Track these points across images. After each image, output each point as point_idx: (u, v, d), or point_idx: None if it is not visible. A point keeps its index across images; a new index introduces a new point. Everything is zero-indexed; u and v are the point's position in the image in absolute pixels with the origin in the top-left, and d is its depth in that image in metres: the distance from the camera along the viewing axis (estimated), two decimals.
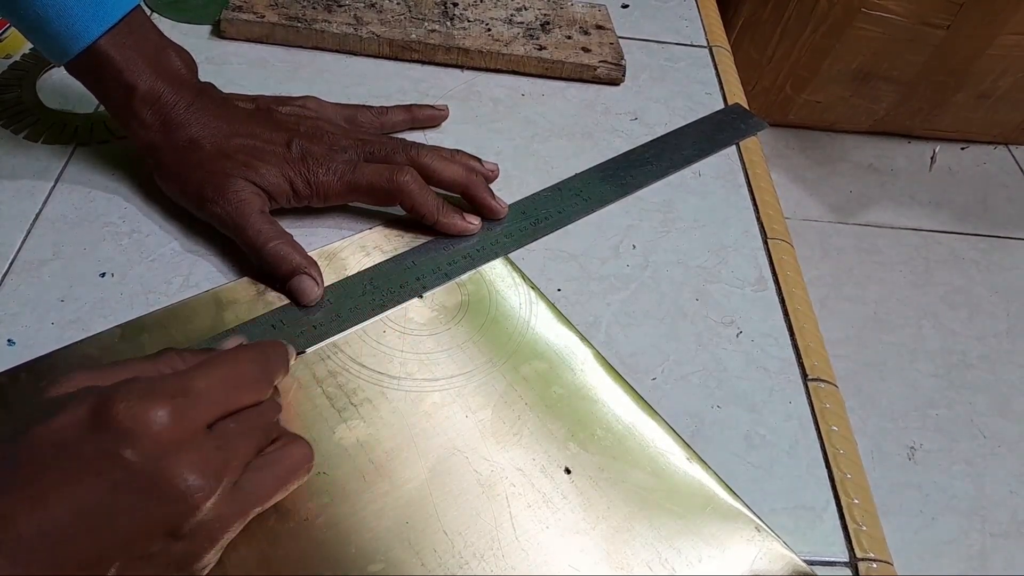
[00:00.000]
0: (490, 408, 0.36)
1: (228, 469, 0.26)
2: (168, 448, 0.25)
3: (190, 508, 0.25)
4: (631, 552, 0.33)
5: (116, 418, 0.24)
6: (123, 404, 0.25)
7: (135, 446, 0.24)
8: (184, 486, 0.25)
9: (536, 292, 0.42)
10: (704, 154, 0.52)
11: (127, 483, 0.24)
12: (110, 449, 0.24)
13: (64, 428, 0.25)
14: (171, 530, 0.25)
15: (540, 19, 0.58)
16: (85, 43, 0.39)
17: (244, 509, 0.27)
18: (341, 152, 0.42)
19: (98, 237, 0.41)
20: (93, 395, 0.25)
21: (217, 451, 0.26)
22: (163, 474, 0.25)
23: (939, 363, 1.34)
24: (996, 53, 1.46)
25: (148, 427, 0.24)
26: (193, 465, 0.25)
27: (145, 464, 0.24)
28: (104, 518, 0.24)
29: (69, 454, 0.24)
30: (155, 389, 0.25)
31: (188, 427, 0.26)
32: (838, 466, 0.37)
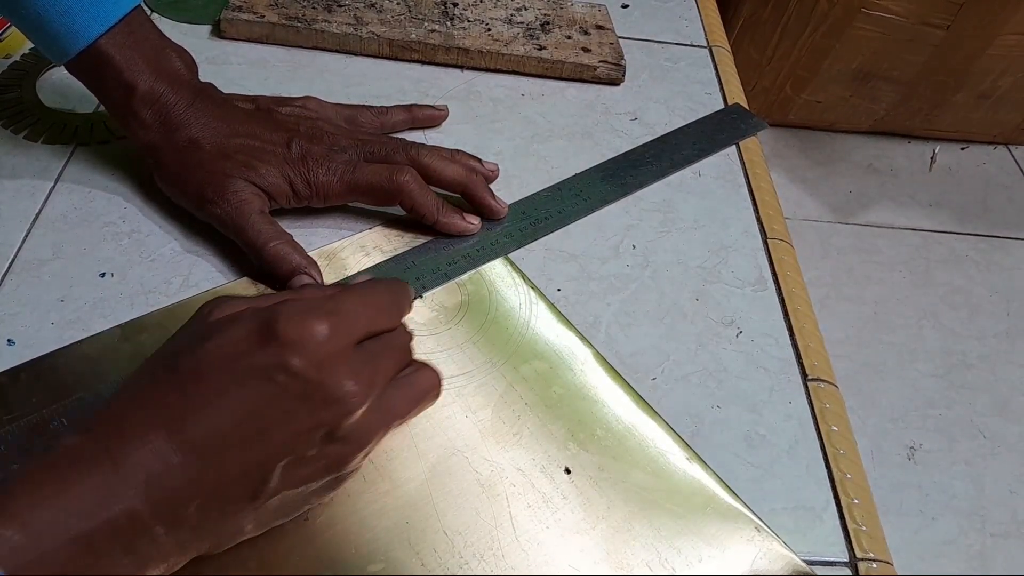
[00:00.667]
0: (490, 408, 0.36)
1: (376, 381, 0.29)
2: (327, 358, 0.27)
3: (346, 411, 0.28)
4: (631, 552, 0.33)
5: (282, 332, 0.27)
6: (288, 320, 0.27)
7: (300, 356, 0.27)
8: (342, 391, 0.27)
9: (536, 292, 0.42)
10: (704, 154, 0.52)
11: (293, 388, 0.27)
12: (278, 358, 0.27)
13: (235, 343, 0.27)
14: (329, 432, 0.28)
15: (540, 19, 0.58)
16: (85, 43, 0.39)
17: (387, 421, 0.30)
18: (341, 152, 0.42)
19: (98, 237, 0.41)
20: (259, 314, 0.28)
21: (367, 364, 0.29)
22: (325, 380, 0.27)
23: (939, 363, 1.34)
24: (996, 53, 1.47)
25: (311, 339, 0.27)
26: (349, 373, 0.28)
27: (309, 371, 0.27)
28: (272, 420, 0.27)
29: (241, 364, 0.27)
30: (313, 308, 0.28)
31: (343, 341, 0.28)
32: (838, 466, 0.37)
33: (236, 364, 0.27)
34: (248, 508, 0.28)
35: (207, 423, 0.26)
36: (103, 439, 0.26)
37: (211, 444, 0.26)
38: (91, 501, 0.24)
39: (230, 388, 0.26)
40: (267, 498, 0.28)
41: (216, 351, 0.27)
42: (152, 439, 0.26)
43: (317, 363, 0.27)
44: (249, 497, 0.27)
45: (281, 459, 0.27)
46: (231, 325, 0.28)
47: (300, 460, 0.28)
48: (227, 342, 0.27)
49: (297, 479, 0.28)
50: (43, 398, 0.34)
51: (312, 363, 0.27)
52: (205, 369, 0.27)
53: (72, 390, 0.34)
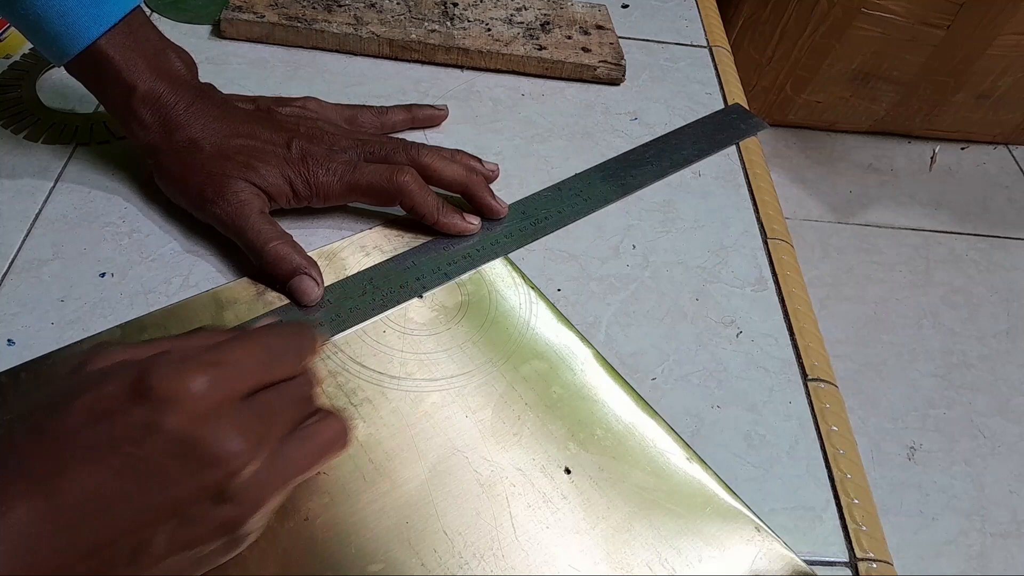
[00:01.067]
0: (490, 408, 0.36)
1: (267, 436, 0.27)
2: (207, 415, 0.25)
3: (232, 471, 0.26)
4: (631, 552, 0.33)
5: (154, 388, 0.25)
6: (161, 374, 0.25)
7: (174, 413, 0.25)
8: (224, 450, 0.25)
9: (536, 292, 0.42)
10: (704, 154, 0.52)
11: (169, 450, 0.25)
12: (149, 418, 0.25)
13: (105, 400, 0.25)
14: (215, 493, 0.26)
15: (540, 19, 0.58)
16: (84, 43, 0.39)
17: (285, 478, 0.28)
18: (341, 152, 0.42)
19: (98, 237, 0.41)
20: (131, 367, 0.26)
21: (255, 418, 0.27)
22: (204, 439, 0.25)
23: (939, 363, 1.34)
24: (996, 53, 1.47)
25: (186, 395, 0.25)
26: (232, 429, 0.26)
27: (185, 431, 0.25)
28: (147, 483, 0.25)
29: (111, 424, 0.25)
30: (190, 359, 0.26)
31: (225, 395, 0.26)
32: (838, 466, 0.37)
33: (105, 424, 0.25)
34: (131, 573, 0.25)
35: (76, 488, 0.24)
36: None
37: (82, 510, 0.24)
38: None
39: (99, 450, 0.24)
40: (153, 563, 0.26)
41: (84, 410, 0.25)
42: (18, 510, 0.23)
43: (194, 421, 0.25)
44: (129, 563, 0.25)
45: (163, 522, 0.25)
46: (102, 380, 0.26)
47: (187, 522, 0.26)
48: (96, 399, 0.25)
49: (186, 542, 0.26)
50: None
51: (188, 421, 0.25)
52: (72, 430, 0.25)
53: None
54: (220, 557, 0.28)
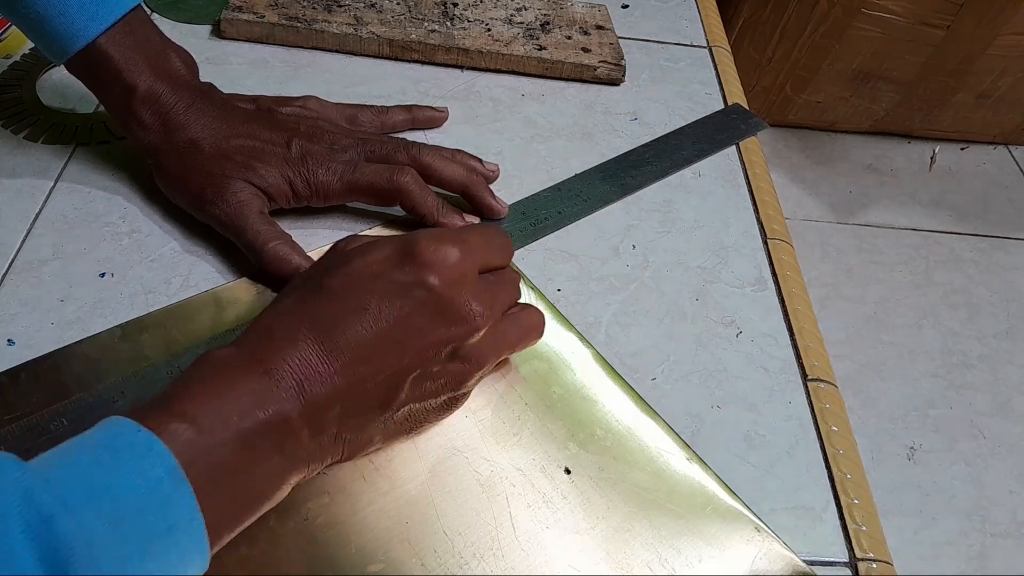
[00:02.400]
0: (490, 408, 0.36)
1: (495, 307, 0.33)
2: (458, 279, 0.31)
3: (472, 329, 0.31)
4: (631, 552, 0.33)
5: (421, 253, 0.31)
6: (426, 243, 0.31)
7: (436, 275, 0.31)
8: (470, 310, 0.31)
9: (536, 292, 0.42)
10: (704, 154, 0.52)
11: (429, 304, 0.30)
12: (416, 276, 0.30)
13: (378, 262, 0.31)
14: (454, 349, 0.31)
15: (540, 19, 0.58)
16: (84, 42, 0.39)
17: (500, 348, 0.34)
18: (341, 152, 0.42)
19: (98, 237, 0.41)
20: (398, 239, 0.32)
21: (488, 291, 0.33)
22: (455, 299, 0.31)
23: (939, 363, 1.34)
24: (996, 53, 1.47)
25: (445, 261, 0.31)
26: (475, 296, 0.32)
27: (443, 289, 0.31)
28: (408, 332, 0.30)
29: (383, 281, 0.30)
30: (447, 235, 0.32)
31: (470, 267, 0.32)
32: (838, 466, 0.37)
33: (378, 280, 0.30)
34: (379, 418, 0.31)
35: (351, 333, 0.29)
36: (256, 350, 0.28)
37: (355, 353, 0.29)
38: (249, 403, 0.27)
39: (372, 301, 0.30)
40: (396, 409, 0.31)
41: (360, 269, 0.31)
42: (301, 348, 0.28)
43: (450, 283, 0.31)
44: (381, 406, 0.30)
45: (412, 371, 0.30)
46: (372, 248, 0.31)
47: (426, 375, 0.31)
48: (370, 261, 0.31)
49: (422, 393, 0.31)
50: (43, 398, 0.34)
51: (445, 282, 0.31)
52: (350, 285, 0.30)
53: (72, 390, 0.34)
54: (439, 415, 0.34)
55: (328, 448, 0.30)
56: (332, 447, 0.30)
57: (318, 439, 0.29)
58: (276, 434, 0.27)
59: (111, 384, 0.34)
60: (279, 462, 0.28)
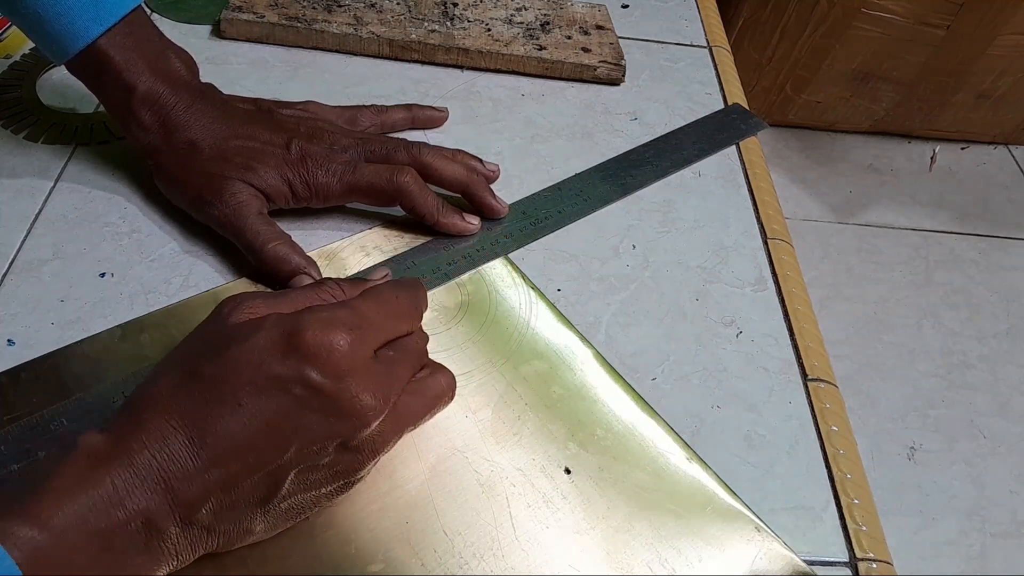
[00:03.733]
0: (490, 408, 0.36)
1: (392, 391, 0.30)
2: (346, 371, 0.28)
3: (362, 424, 0.29)
4: (631, 552, 0.33)
5: (305, 344, 0.28)
6: (311, 331, 0.28)
7: (320, 369, 0.28)
8: (360, 405, 0.28)
9: (536, 292, 0.42)
10: (704, 154, 0.52)
11: (312, 401, 0.28)
12: (298, 370, 0.28)
13: (259, 350, 0.28)
14: (343, 442, 0.29)
15: (540, 19, 0.58)
16: (84, 43, 0.39)
17: (400, 428, 0.31)
18: (341, 152, 0.42)
19: (98, 237, 0.41)
20: (283, 322, 0.29)
21: (384, 376, 0.30)
22: (343, 394, 0.28)
23: (939, 363, 1.34)
24: (996, 53, 1.46)
25: (331, 353, 0.28)
26: (367, 387, 0.29)
27: (328, 385, 0.28)
28: (289, 429, 0.28)
29: (262, 374, 0.28)
30: (336, 319, 0.29)
31: (362, 354, 0.29)
32: (838, 466, 0.37)
33: (257, 373, 0.27)
34: (259, 511, 0.28)
35: (223, 429, 0.27)
36: (123, 440, 0.26)
37: (227, 449, 0.27)
38: (110, 500, 0.25)
39: (251, 397, 0.27)
40: (278, 502, 0.29)
41: (238, 358, 0.28)
42: (170, 442, 0.26)
43: (336, 376, 0.28)
44: (261, 501, 0.28)
45: (293, 468, 0.28)
46: (254, 332, 0.28)
47: (312, 468, 0.29)
48: (249, 350, 0.28)
49: (308, 485, 0.29)
50: (43, 398, 0.34)
51: (331, 376, 0.28)
52: (226, 376, 0.27)
53: (72, 390, 0.34)
54: (330, 500, 0.31)
55: (200, 541, 0.28)
56: (204, 540, 0.28)
57: (188, 533, 0.27)
58: (140, 532, 0.26)
59: (111, 384, 0.34)
60: (144, 561, 0.26)
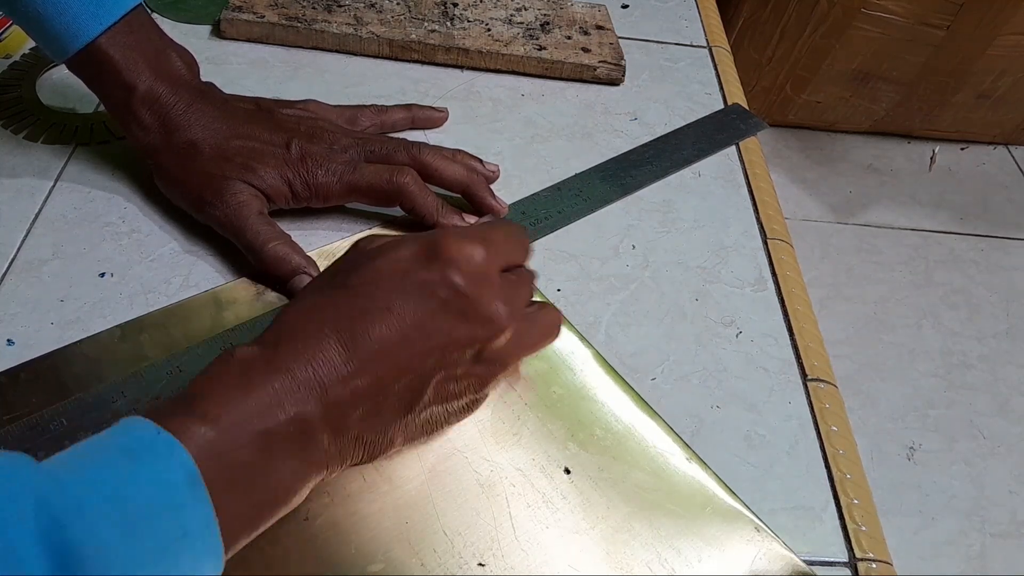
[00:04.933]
0: (490, 408, 0.36)
1: (518, 307, 0.32)
2: (483, 279, 0.31)
3: (497, 330, 0.31)
4: (631, 552, 0.33)
5: (446, 251, 0.30)
6: (451, 241, 0.30)
7: (460, 274, 0.30)
8: (495, 311, 0.31)
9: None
10: (704, 154, 0.52)
11: (453, 303, 0.30)
12: (441, 275, 0.30)
13: (402, 260, 0.30)
14: (479, 350, 0.31)
15: (540, 19, 0.58)
16: (84, 41, 0.39)
17: (521, 349, 0.33)
18: (341, 152, 0.42)
19: (98, 237, 0.41)
20: (423, 237, 0.31)
21: (512, 291, 0.32)
22: (481, 299, 0.30)
23: (939, 363, 1.34)
24: (996, 53, 1.46)
25: (470, 260, 0.30)
26: (500, 296, 0.31)
27: (467, 288, 0.30)
28: (433, 332, 0.29)
29: (409, 279, 0.30)
30: (471, 234, 0.31)
31: (494, 267, 0.31)
32: (838, 466, 0.37)
33: (403, 279, 0.30)
34: (402, 420, 0.30)
35: (375, 334, 0.28)
36: (278, 348, 0.28)
37: (378, 354, 0.28)
38: (269, 404, 0.27)
39: (397, 301, 0.29)
40: (419, 412, 0.30)
41: (384, 268, 0.30)
42: (324, 348, 0.28)
43: (475, 282, 0.30)
44: (405, 408, 0.30)
45: (436, 373, 0.30)
46: (397, 246, 0.31)
47: (450, 376, 0.31)
48: (394, 260, 0.30)
49: (445, 395, 0.31)
50: (43, 398, 0.34)
51: (470, 282, 0.30)
52: (375, 283, 0.30)
53: (72, 390, 0.34)
54: (459, 417, 0.34)
55: (348, 450, 0.29)
56: (353, 449, 0.30)
57: (339, 442, 0.29)
58: (296, 437, 0.27)
59: (111, 384, 0.34)
60: (298, 465, 0.27)
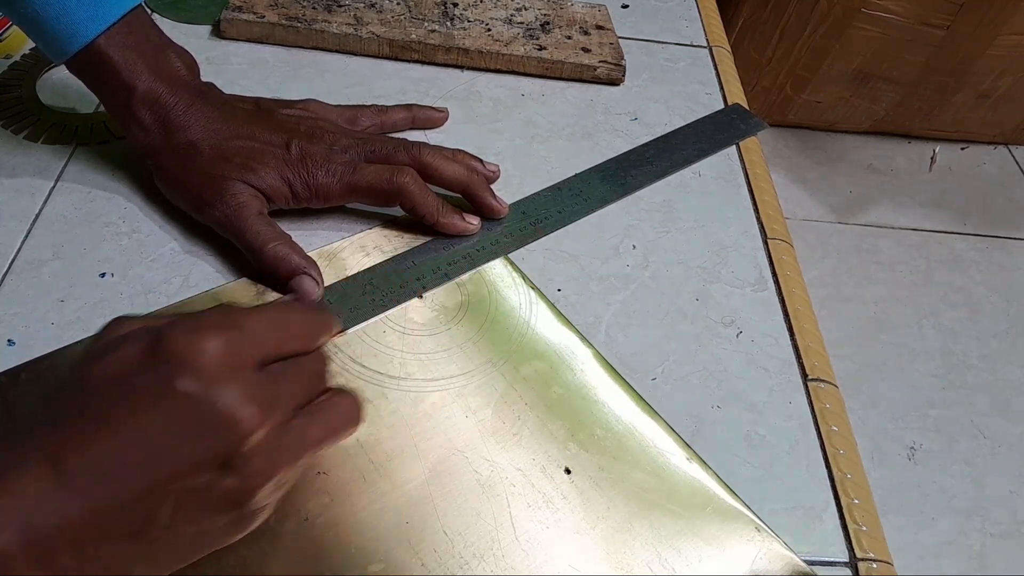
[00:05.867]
0: (490, 408, 0.36)
1: (277, 405, 0.27)
2: (219, 378, 0.25)
3: (240, 437, 0.25)
4: (631, 552, 0.33)
5: (170, 349, 0.25)
6: (177, 336, 0.25)
7: (188, 375, 0.25)
8: (234, 414, 0.25)
9: (536, 292, 0.42)
10: (704, 154, 0.52)
11: (180, 412, 0.25)
12: (164, 379, 0.25)
13: (121, 362, 0.25)
14: (223, 461, 0.25)
15: (540, 19, 0.58)
16: (83, 42, 0.39)
17: (293, 452, 0.27)
18: (341, 153, 0.42)
19: (98, 237, 0.41)
20: (149, 331, 0.26)
21: (266, 386, 0.26)
22: (214, 402, 0.25)
23: (939, 363, 1.34)
24: (996, 53, 1.46)
25: (200, 356, 0.25)
26: (242, 394, 0.25)
27: (197, 392, 0.25)
28: (158, 448, 0.24)
29: (126, 386, 0.25)
30: (208, 324, 0.26)
31: (238, 360, 0.26)
32: (838, 466, 0.37)
33: (121, 385, 0.25)
34: (133, 547, 0.25)
35: (87, 454, 0.24)
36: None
37: (92, 477, 0.24)
38: None
39: (113, 411, 0.24)
40: (156, 537, 0.25)
41: (102, 371, 0.25)
42: (29, 473, 0.23)
43: (207, 383, 0.25)
44: (134, 536, 0.25)
45: (168, 493, 0.25)
46: (120, 344, 0.26)
47: (192, 493, 0.25)
48: (114, 361, 0.25)
49: (191, 516, 0.26)
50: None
51: (201, 383, 0.25)
52: (89, 391, 0.25)
53: None
54: (227, 535, 0.28)
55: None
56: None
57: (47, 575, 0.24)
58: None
59: None
60: None
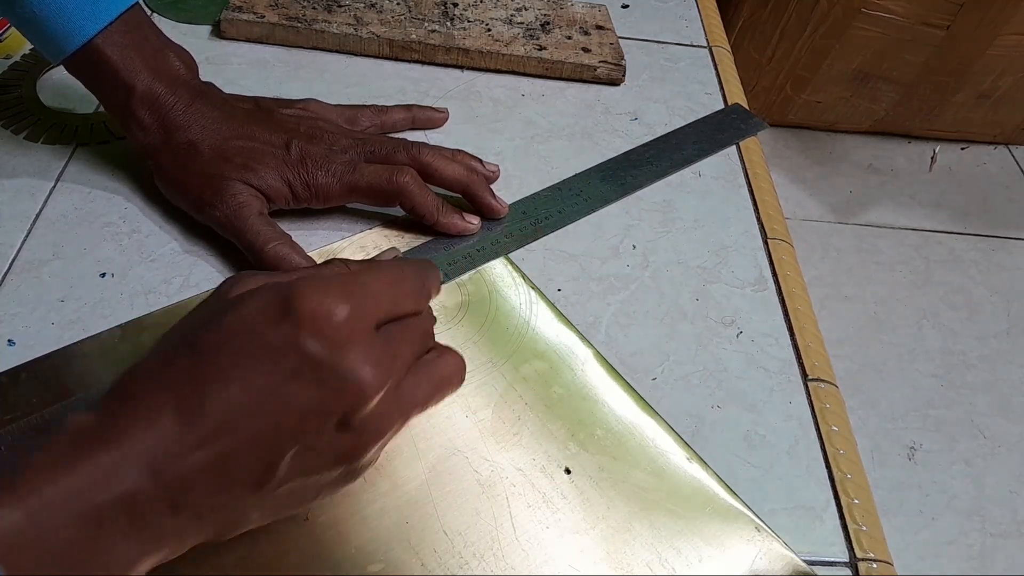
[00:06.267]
0: (490, 408, 0.36)
1: (394, 368, 0.28)
2: (344, 341, 0.26)
3: (362, 399, 0.26)
4: (631, 552, 0.33)
5: (301, 308, 0.26)
6: (306, 296, 0.26)
7: (315, 336, 0.25)
8: (357, 378, 0.26)
9: (536, 292, 0.42)
10: (704, 154, 0.52)
11: (305, 371, 0.25)
12: (292, 337, 0.25)
13: (250, 318, 0.26)
14: (342, 420, 0.26)
15: (540, 19, 0.58)
16: (80, 41, 0.39)
17: (405, 411, 0.29)
18: (341, 153, 0.42)
19: (98, 237, 0.41)
20: (276, 288, 0.27)
21: (385, 350, 0.27)
22: (340, 365, 0.26)
23: (939, 363, 1.34)
24: (996, 53, 1.47)
25: (328, 319, 0.26)
26: (366, 359, 0.26)
27: (323, 354, 0.25)
28: (281, 403, 0.25)
29: (255, 340, 0.26)
30: (335, 285, 0.27)
31: (362, 324, 0.27)
32: (838, 466, 0.37)
33: (250, 341, 0.26)
34: (253, 496, 0.26)
35: (217, 403, 0.25)
36: (112, 416, 0.25)
37: (220, 425, 0.25)
38: (95, 480, 0.23)
39: (242, 366, 0.25)
40: (274, 487, 0.26)
41: (230, 326, 0.26)
42: (161, 418, 0.25)
43: (333, 345, 0.26)
44: (255, 485, 0.26)
45: (291, 446, 0.26)
46: (248, 299, 0.27)
47: (310, 448, 0.26)
48: (242, 317, 0.26)
49: (307, 469, 0.27)
50: (43, 398, 0.34)
51: (328, 345, 0.26)
52: (219, 345, 0.26)
53: (72, 390, 0.34)
54: (334, 488, 0.29)
55: (190, 529, 0.26)
56: (196, 527, 0.26)
57: (176, 520, 0.25)
58: (123, 517, 0.24)
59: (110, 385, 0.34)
60: (128, 547, 0.24)
